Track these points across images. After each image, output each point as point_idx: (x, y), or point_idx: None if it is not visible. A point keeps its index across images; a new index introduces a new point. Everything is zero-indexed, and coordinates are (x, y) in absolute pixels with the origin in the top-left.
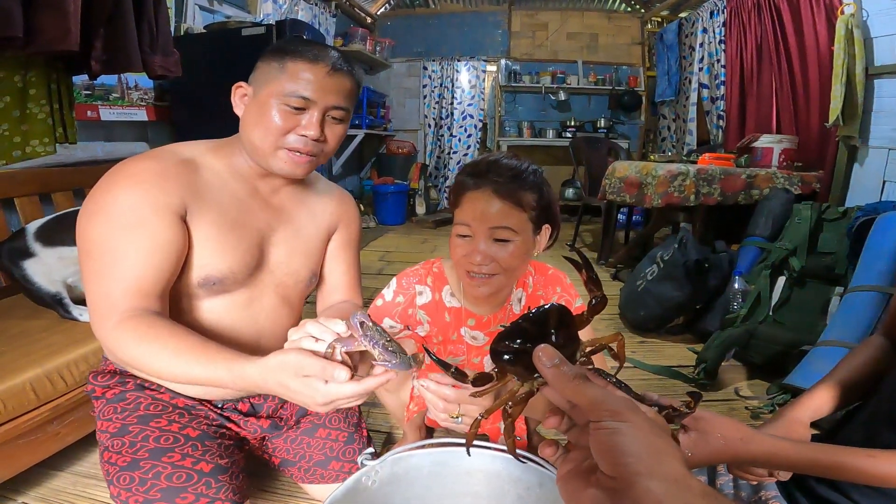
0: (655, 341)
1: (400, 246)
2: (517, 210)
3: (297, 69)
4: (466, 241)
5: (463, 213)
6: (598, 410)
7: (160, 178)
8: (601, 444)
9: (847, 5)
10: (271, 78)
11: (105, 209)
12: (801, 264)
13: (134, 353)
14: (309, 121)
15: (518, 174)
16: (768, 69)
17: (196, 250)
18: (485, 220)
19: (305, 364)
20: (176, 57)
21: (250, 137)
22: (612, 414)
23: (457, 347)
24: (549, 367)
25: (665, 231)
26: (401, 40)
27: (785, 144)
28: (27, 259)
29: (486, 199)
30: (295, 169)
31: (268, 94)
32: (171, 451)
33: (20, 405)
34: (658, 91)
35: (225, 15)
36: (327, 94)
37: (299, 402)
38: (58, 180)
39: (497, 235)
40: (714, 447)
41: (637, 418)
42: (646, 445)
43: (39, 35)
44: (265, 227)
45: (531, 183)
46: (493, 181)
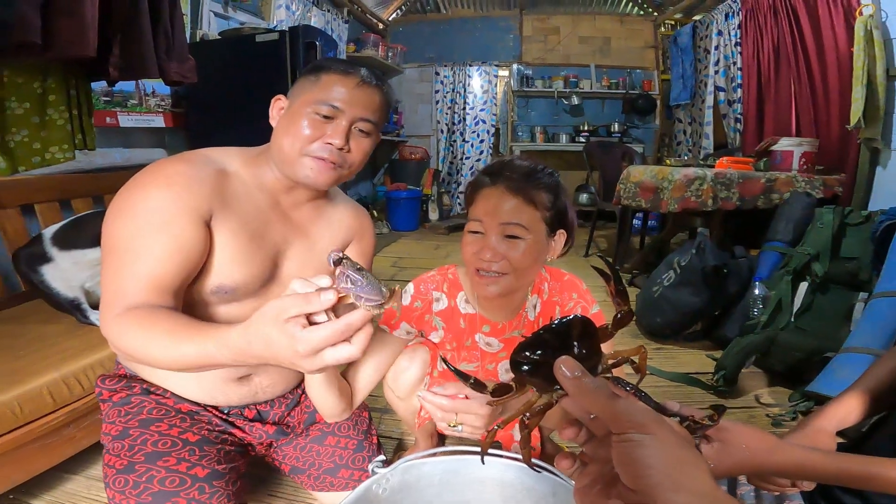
0: (672, 348)
1: (412, 252)
2: (529, 207)
3: (330, 81)
4: (478, 238)
5: (476, 210)
6: (620, 422)
7: (191, 182)
8: (624, 456)
9: (865, 6)
10: (306, 90)
11: (133, 208)
12: (824, 270)
13: (133, 341)
14: (335, 129)
15: (532, 173)
16: (786, 71)
17: (214, 258)
18: (496, 215)
19: (283, 305)
20: (191, 63)
21: (280, 144)
22: (636, 426)
23: (471, 354)
24: (571, 378)
25: (682, 236)
26: (413, 46)
27: (805, 147)
28: (45, 264)
29: (499, 195)
30: (318, 176)
31: (300, 104)
32: (168, 455)
33: (36, 409)
34: (673, 94)
35: (239, 21)
36: (355, 105)
37: (283, 360)
38: (77, 187)
39: (508, 232)
40: (738, 458)
41: (661, 430)
42: (671, 458)
43: (57, 41)
44: (281, 240)
45: (545, 183)
46: (507, 178)
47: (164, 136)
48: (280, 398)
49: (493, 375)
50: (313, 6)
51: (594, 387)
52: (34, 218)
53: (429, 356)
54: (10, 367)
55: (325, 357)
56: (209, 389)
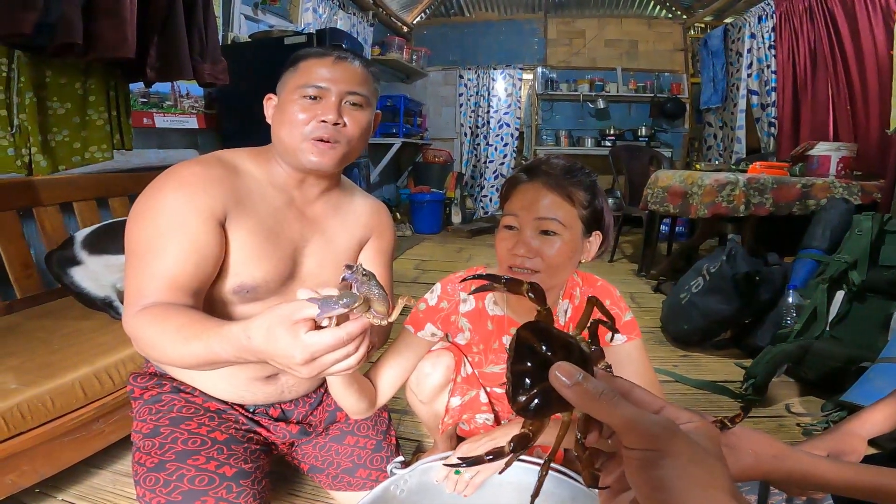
0: (699, 356)
1: (435, 255)
2: (567, 203)
3: (308, 66)
4: (512, 234)
5: (511, 205)
6: (632, 435)
7: (205, 183)
8: (637, 476)
9: None
10: (287, 80)
11: (151, 211)
12: (862, 278)
13: (149, 336)
14: (325, 106)
15: (571, 170)
16: (823, 75)
17: (232, 257)
18: (532, 209)
19: (297, 305)
20: (223, 65)
21: (280, 137)
22: (649, 441)
23: (497, 356)
24: (571, 386)
25: (711, 243)
26: (437, 49)
27: (843, 152)
28: (74, 266)
29: (536, 190)
30: (322, 158)
31: (287, 94)
32: (197, 454)
33: (68, 403)
34: (703, 98)
35: (268, 24)
36: (338, 80)
37: (280, 359)
38: (114, 186)
39: (544, 227)
40: (744, 463)
41: (676, 446)
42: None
43: (99, 42)
44: (299, 237)
45: (583, 181)
46: (545, 173)
47: (197, 138)
48: (304, 397)
49: None
50: (339, 9)
51: (598, 392)
52: (72, 216)
53: (452, 362)
54: (44, 361)
55: (323, 362)
56: (237, 388)
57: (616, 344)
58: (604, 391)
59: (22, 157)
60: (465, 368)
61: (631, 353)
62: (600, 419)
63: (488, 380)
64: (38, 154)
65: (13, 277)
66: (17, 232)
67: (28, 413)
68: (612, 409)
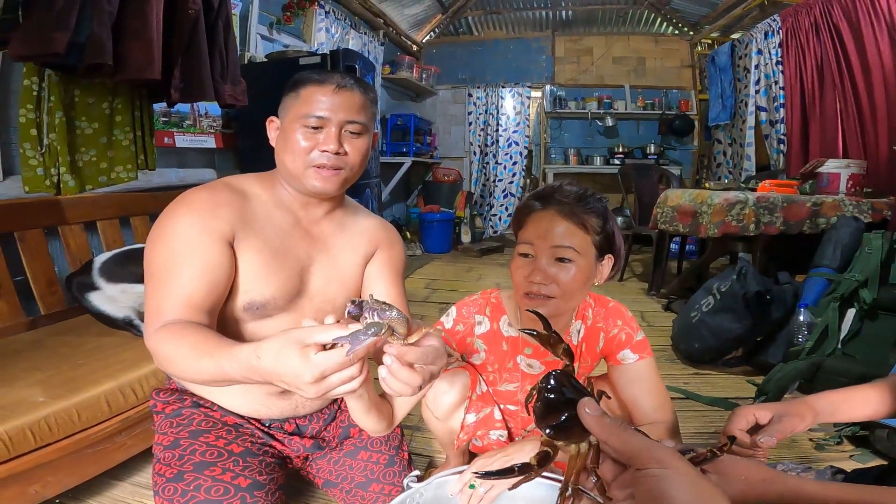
0: (710, 373)
1: (445, 274)
2: (581, 231)
3: (308, 93)
4: (528, 261)
5: (526, 233)
6: (642, 458)
7: (213, 206)
8: (648, 491)
9: None
10: (289, 106)
11: (165, 236)
12: (873, 296)
13: (166, 352)
14: (327, 136)
15: (583, 197)
16: (831, 91)
17: (241, 276)
18: (548, 238)
19: (310, 331)
20: (243, 86)
21: (284, 163)
22: (658, 461)
23: (512, 375)
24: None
25: (721, 261)
26: (446, 67)
27: (853, 169)
28: (92, 291)
29: (550, 219)
30: (325, 184)
31: (289, 122)
32: (214, 465)
33: (93, 416)
34: (711, 115)
35: (283, 44)
36: (338, 109)
37: (288, 379)
38: (136, 205)
39: (559, 255)
40: (736, 489)
41: (681, 464)
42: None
43: (127, 63)
44: (305, 256)
45: (596, 208)
46: (558, 201)
47: (214, 157)
48: (318, 413)
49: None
50: (351, 29)
51: (616, 424)
52: (96, 234)
53: (469, 380)
54: (70, 376)
55: (330, 382)
56: (253, 402)
57: (627, 362)
58: (621, 423)
59: (51, 177)
60: (480, 386)
61: (642, 371)
62: (614, 446)
63: (502, 397)
64: (67, 174)
65: (38, 294)
66: (43, 250)
67: (55, 425)
68: (626, 438)
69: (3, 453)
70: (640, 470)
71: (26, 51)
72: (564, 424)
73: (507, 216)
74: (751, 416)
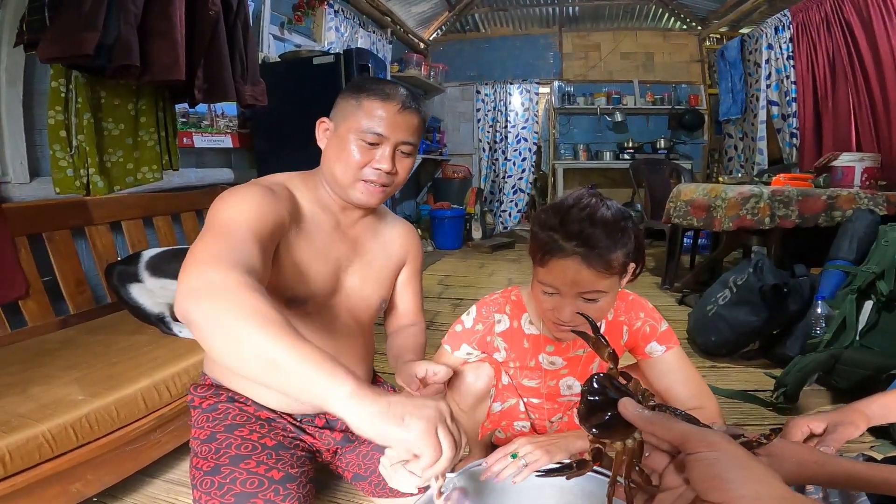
0: (727, 366)
1: (457, 270)
2: (607, 273)
3: (372, 107)
4: (553, 298)
5: (549, 276)
6: (692, 443)
7: (273, 196)
8: (702, 473)
9: None
10: (349, 114)
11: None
12: (890, 288)
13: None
14: (382, 155)
15: (613, 233)
16: (843, 85)
17: (287, 271)
18: (574, 286)
19: (445, 411)
20: (262, 86)
21: (332, 170)
22: (708, 444)
23: (533, 372)
24: (637, 413)
25: (735, 255)
26: (454, 65)
27: (867, 163)
28: (134, 283)
29: (576, 269)
30: (370, 199)
31: (346, 130)
32: (249, 458)
33: (131, 414)
34: (722, 109)
35: (294, 43)
36: (398, 130)
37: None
38: (159, 205)
39: (587, 297)
40: (788, 471)
41: (731, 446)
42: (746, 469)
43: (152, 64)
44: (343, 257)
45: (621, 243)
46: (586, 245)
47: (231, 157)
48: None
49: (555, 391)
50: (360, 27)
51: (658, 417)
52: (121, 234)
53: (492, 371)
54: (105, 374)
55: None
56: (285, 398)
57: (656, 355)
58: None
59: (81, 178)
60: (504, 377)
61: (672, 362)
62: (661, 436)
63: (524, 392)
64: (96, 175)
65: (67, 293)
66: (71, 250)
67: (95, 423)
68: (671, 426)
69: (46, 451)
70: (692, 454)
71: (57, 52)
72: (607, 423)
73: (517, 212)
74: (805, 427)
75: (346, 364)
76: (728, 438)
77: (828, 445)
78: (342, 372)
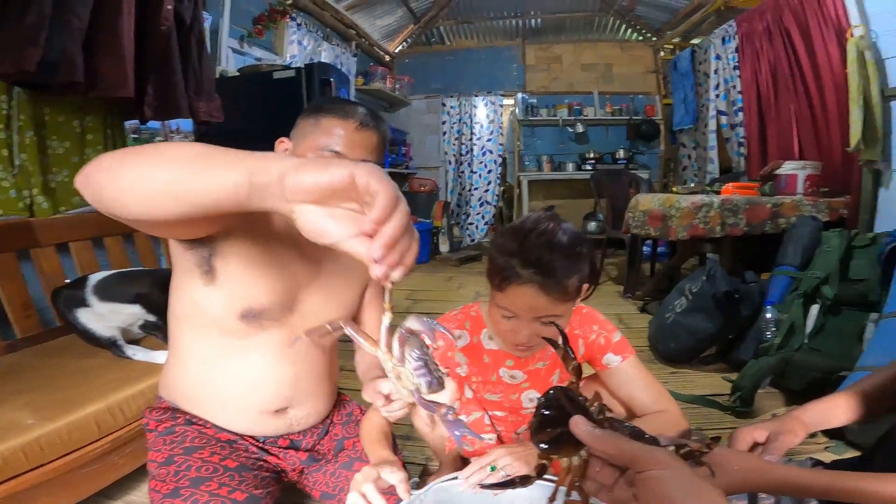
0: (687, 372)
1: (426, 284)
2: (564, 298)
3: (330, 125)
4: (511, 321)
5: (508, 302)
6: (640, 462)
7: None
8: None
9: (856, 27)
10: (307, 133)
11: None
12: (834, 292)
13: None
14: None
15: (570, 258)
16: (785, 94)
17: (239, 281)
18: (531, 312)
19: None
20: (218, 102)
21: None
22: (656, 463)
23: (495, 386)
24: (588, 432)
25: (692, 262)
26: (419, 77)
27: (809, 171)
28: (81, 308)
29: (534, 296)
30: None
31: (305, 149)
32: (210, 480)
33: (84, 437)
34: (676, 119)
35: (255, 57)
36: (356, 148)
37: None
38: (109, 225)
39: (543, 321)
40: (732, 479)
41: (677, 464)
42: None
43: (99, 80)
44: (301, 273)
45: (577, 268)
46: (543, 273)
47: None
48: (312, 428)
49: (518, 405)
50: (324, 41)
51: (607, 435)
52: (68, 256)
53: (455, 385)
54: (56, 398)
55: None
56: (247, 422)
57: (613, 365)
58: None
59: (24, 199)
60: (467, 391)
61: (630, 371)
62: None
63: (488, 405)
64: (40, 195)
65: (13, 318)
66: (16, 273)
67: (47, 446)
68: (620, 445)
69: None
70: (641, 473)
71: None
72: (557, 439)
73: (484, 224)
74: (749, 437)
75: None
76: (673, 456)
77: (771, 454)
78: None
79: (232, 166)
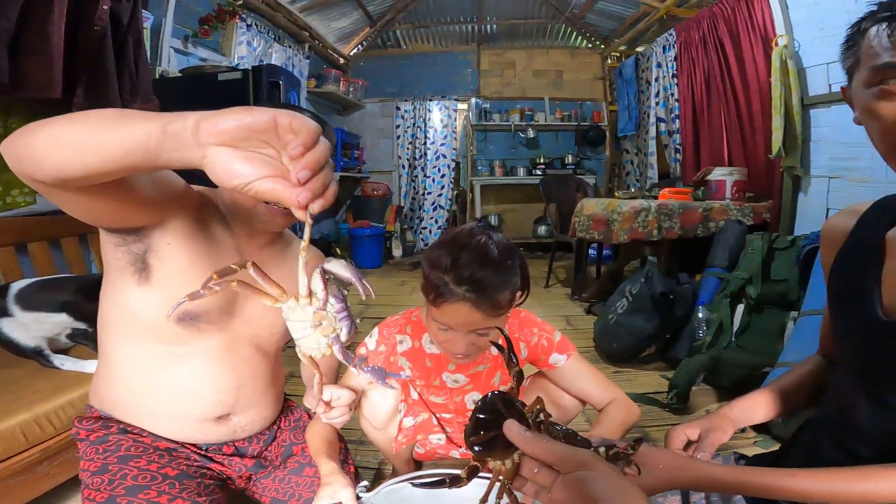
0: (630, 371)
1: (378, 289)
2: (498, 313)
3: None
4: (447, 333)
5: (443, 317)
6: (568, 463)
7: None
8: (576, 492)
9: (780, 37)
10: None
11: None
12: (757, 292)
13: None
14: None
15: (500, 274)
16: (717, 102)
17: (174, 283)
18: (466, 325)
19: None
20: (156, 104)
21: (232, 196)
22: (582, 464)
23: (439, 390)
24: (519, 435)
25: (634, 264)
26: (374, 81)
27: (736, 176)
28: (3, 318)
29: (467, 312)
30: (272, 224)
31: None
32: (148, 489)
33: (10, 448)
34: (620, 126)
35: (199, 58)
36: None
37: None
38: (34, 230)
39: (480, 332)
40: (658, 477)
41: (602, 466)
42: (615, 488)
43: (25, 80)
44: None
45: (508, 281)
46: (475, 290)
47: None
48: (258, 435)
49: (462, 408)
50: (275, 42)
51: (537, 438)
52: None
53: (399, 387)
54: None
55: None
56: (188, 429)
57: (560, 364)
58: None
59: None
60: (413, 392)
61: (576, 367)
62: (540, 456)
63: (434, 408)
64: None
65: None
66: None
67: None
68: (549, 447)
69: None
70: (567, 474)
71: None
72: (490, 442)
73: (437, 229)
74: (682, 436)
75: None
76: (598, 458)
77: (703, 451)
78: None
79: (148, 120)
